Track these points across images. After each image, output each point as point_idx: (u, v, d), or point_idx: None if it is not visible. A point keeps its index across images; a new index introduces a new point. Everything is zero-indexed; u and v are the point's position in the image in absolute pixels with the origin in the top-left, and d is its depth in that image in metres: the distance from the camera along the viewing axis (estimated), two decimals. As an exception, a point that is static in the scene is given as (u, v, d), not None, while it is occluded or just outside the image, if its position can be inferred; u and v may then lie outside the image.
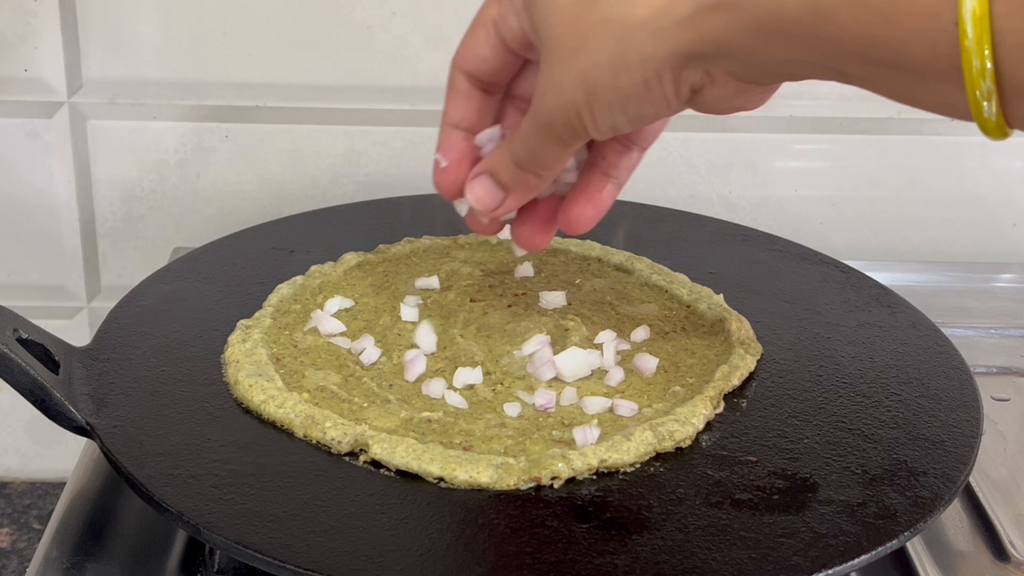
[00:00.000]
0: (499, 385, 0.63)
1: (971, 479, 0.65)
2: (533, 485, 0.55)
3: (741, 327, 0.68)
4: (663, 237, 0.80)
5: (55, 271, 0.95)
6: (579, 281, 0.73)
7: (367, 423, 0.59)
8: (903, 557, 0.61)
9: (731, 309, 0.70)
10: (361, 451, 0.57)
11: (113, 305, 0.69)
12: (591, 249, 0.77)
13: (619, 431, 0.58)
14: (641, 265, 0.75)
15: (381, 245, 0.76)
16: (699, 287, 0.72)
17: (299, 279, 0.72)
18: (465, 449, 0.57)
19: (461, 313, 0.69)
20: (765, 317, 0.70)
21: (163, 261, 0.80)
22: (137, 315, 0.68)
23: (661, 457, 0.58)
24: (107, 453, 0.56)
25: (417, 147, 0.94)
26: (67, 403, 0.58)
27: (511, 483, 0.55)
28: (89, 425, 0.58)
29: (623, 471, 0.57)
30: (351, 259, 0.74)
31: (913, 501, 0.55)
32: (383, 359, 0.65)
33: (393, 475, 0.56)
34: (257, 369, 0.62)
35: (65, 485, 0.65)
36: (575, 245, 0.77)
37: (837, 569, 0.51)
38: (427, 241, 0.77)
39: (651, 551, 0.52)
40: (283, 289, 0.70)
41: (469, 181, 0.60)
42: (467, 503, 0.54)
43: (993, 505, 0.65)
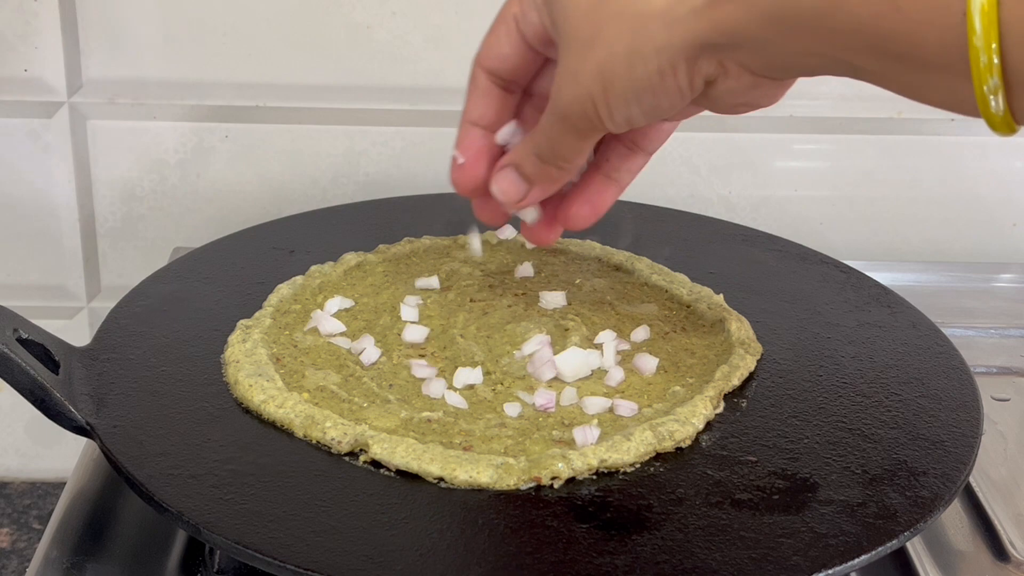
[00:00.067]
0: (499, 385, 0.63)
1: (971, 479, 0.65)
2: (533, 485, 0.55)
3: (741, 327, 0.68)
4: (663, 237, 0.80)
5: (55, 271, 0.95)
6: (579, 281, 0.73)
7: (367, 423, 0.59)
8: (903, 557, 0.61)
9: (731, 309, 0.70)
10: (361, 451, 0.57)
11: (113, 305, 0.69)
12: (591, 249, 0.77)
13: (619, 431, 0.58)
14: (641, 265, 0.75)
15: (381, 245, 0.76)
16: (699, 287, 0.72)
17: (299, 279, 0.72)
18: (465, 449, 0.57)
19: (461, 313, 0.69)
20: (765, 317, 0.70)
21: (163, 261, 0.80)
22: (137, 315, 0.68)
23: (661, 457, 0.58)
24: (107, 453, 0.56)
25: (417, 147, 0.94)
26: (67, 403, 0.58)
27: (511, 483, 0.55)
28: (89, 425, 0.58)
29: (623, 471, 0.57)
30: (351, 259, 0.74)
31: (913, 501, 0.55)
32: (383, 359, 0.65)
33: (393, 475, 0.56)
34: (257, 369, 0.62)
35: (65, 485, 0.65)
36: (575, 245, 0.77)
37: (837, 569, 0.51)
38: (427, 241, 0.77)
39: (651, 551, 0.52)
40: (283, 289, 0.70)
41: (495, 173, 0.61)
42: (467, 503, 0.54)
43: (993, 505, 0.65)
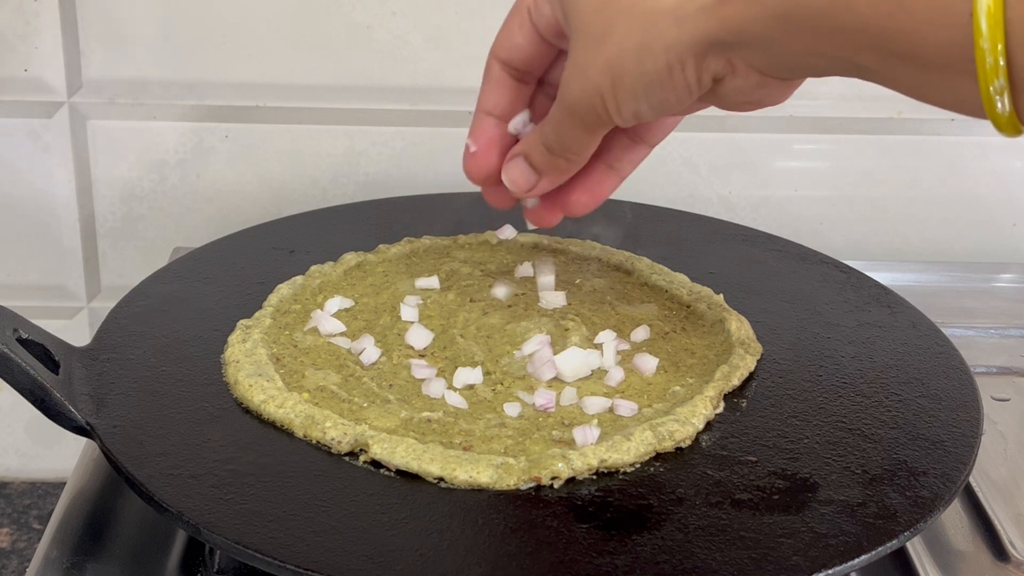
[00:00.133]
0: (499, 385, 0.63)
1: (971, 479, 0.65)
2: (533, 485, 0.55)
3: (741, 327, 0.68)
4: (663, 237, 0.80)
5: (55, 271, 0.95)
6: (579, 281, 0.73)
7: (367, 423, 0.59)
8: (903, 557, 0.61)
9: (731, 309, 0.70)
10: (361, 451, 0.57)
11: (113, 305, 0.69)
12: (591, 249, 0.77)
13: (619, 431, 0.58)
14: (641, 265, 0.75)
15: (381, 245, 0.76)
16: (699, 287, 0.72)
17: (299, 279, 0.72)
18: (465, 449, 0.57)
19: (461, 313, 0.69)
20: (765, 317, 0.70)
21: (163, 261, 0.80)
22: (137, 315, 0.68)
23: (661, 457, 0.58)
24: (107, 453, 0.56)
25: (417, 147, 0.94)
26: (67, 403, 0.58)
27: (511, 483, 0.55)
28: (89, 425, 0.58)
29: (623, 471, 0.57)
30: (351, 259, 0.74)
31: (913, 501, 0.55)
32: (383, 359, 0.65)
33: (393, 475, 0.56)
34: (257, 369, 0.62)
35: (65, 485, 0.65)
36: (575, 245, 0.77)
37: (837, 569, 0.51)
38: (427, 241, 0.77)
39: (651, 551, 0.52)
40: (283, 289, 0.70)
41: (506, 163, 0.61)
42: (467, 503, 0.54)
43: (993, 505, 0.65)
